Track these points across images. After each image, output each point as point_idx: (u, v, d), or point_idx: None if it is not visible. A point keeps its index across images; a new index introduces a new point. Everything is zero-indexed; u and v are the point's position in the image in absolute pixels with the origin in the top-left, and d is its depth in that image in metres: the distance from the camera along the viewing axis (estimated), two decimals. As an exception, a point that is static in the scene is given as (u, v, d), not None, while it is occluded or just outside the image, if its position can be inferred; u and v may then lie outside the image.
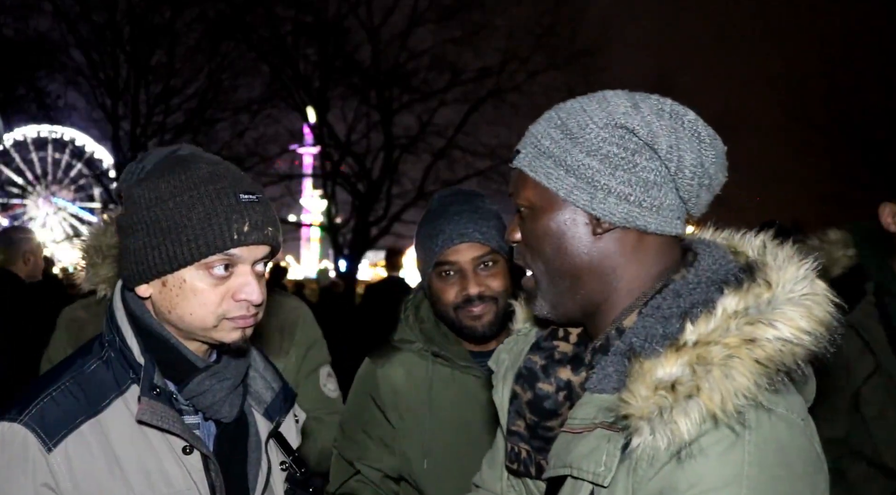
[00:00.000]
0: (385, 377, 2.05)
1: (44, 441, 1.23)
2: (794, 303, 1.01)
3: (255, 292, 1.30)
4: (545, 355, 1.28)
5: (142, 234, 1.28)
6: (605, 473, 1.03)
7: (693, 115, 1.14)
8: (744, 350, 0.98)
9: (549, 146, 1.16)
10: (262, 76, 19.94)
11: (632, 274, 1.16)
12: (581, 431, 1.11)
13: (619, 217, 1.13)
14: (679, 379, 0.98)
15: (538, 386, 1.25)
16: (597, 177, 1.12)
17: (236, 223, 1.26)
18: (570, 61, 19.71)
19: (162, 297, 1.31)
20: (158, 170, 1.31)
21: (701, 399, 0.96)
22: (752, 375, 0.97)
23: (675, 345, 1.01)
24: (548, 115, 1.21)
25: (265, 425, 1.47)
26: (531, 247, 1.22)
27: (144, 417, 1.26)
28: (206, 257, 1.26)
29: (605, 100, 1.16)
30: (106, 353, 1.34)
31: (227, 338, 1.32)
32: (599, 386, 1.11)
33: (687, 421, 0.96)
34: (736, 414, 0.96)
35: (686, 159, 1.11)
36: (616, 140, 1.12)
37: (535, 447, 1.27)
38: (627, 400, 1.00)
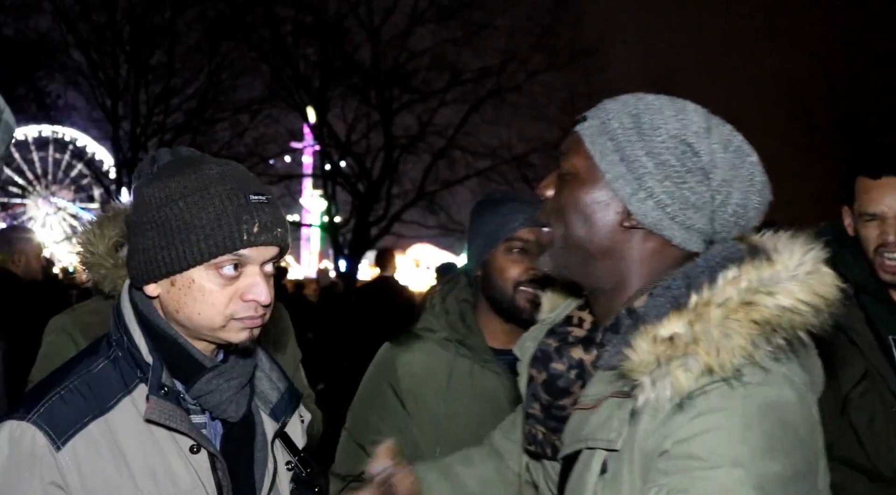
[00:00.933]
0: (405, 364, 2.06)
1: (52, 439, 1.23)
2: (797, 280, 1.05)
3: (264, 293, 1.30)
4: (559, 338, 1.32)
5: (151, 234, 1.28)
6: (616, 437, 1.08)
7: (756, 158, 1.18)
8: (741, 311, 1.02)
9: (617, 129, 1.19)
10: (262, 76, 20.00)
11: (645, 272, 1.20)
12: (593, 406, 1.15)
13: (649, 220, 1.17)
14: (678, 335, 1.03)
15: (551, 366, 1.29)
16: (646, 178, 1.16)
17: (246, 224, 1.26)
18: (570, 61, 19.75)
19: (170, 297, 1.31)
20: (168, 170, 1.31)
21: (699, 353, 1.01)
22: (749, 335, 1.01)
23: (676, 309, 1.06)
24: (626, 99, 1.23)
25: (271, 425, 1.47)
26: (558, 209, 1.25)
27: (153, 416, 1.26)
28: (216, 257, 1.26)
29: (684, 111, 1.18)
30: (113, 353, 1.34)
31: (234, 338, 1.33)
32: (610, 363, 1.14)
33: (686, 373, 1.01)
34: (734, 370, 1.01)
35: (733, 197, 1.16)
36: (678, 153, 1.15)
37: (549, 427, 1.31)
38: (629, 356, 1.04)
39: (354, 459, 2.06)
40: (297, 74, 19.74)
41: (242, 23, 18.58)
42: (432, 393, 2.02)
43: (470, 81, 20.40)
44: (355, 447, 2.08)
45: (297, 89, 19.87)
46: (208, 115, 20.17)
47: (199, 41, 19.41)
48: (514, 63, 20.14)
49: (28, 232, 4.84)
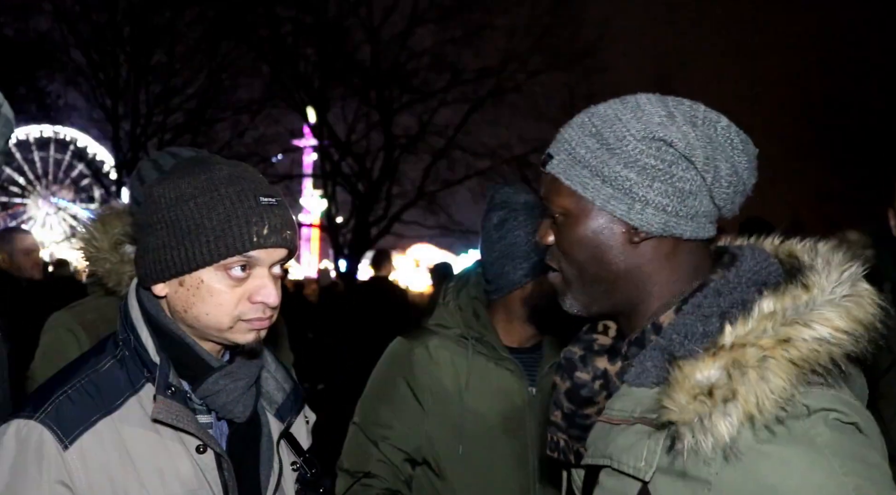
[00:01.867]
0: (420, 358, 2.04)
1: (60, 438, 1.24)
2: (833, 304, 1.03)
3: (272, 295, 1.30)
4: (584, 346, 1.31)
5: (161, 234, 1.28)
6: (646, 468, 1.06)
7: (726, 120, 1.16)
8: (778, 351, 0.99)
9: (585, 155, 1.17)
10: (262, 76, 20.01)
11: (666, 278, 1.19)
12: (619, 422, 1.14)
13: (656, 227, 1.15)
14: (716, 384, 1.00)
15: (576, 374, 1.28)
16: (635, 189, 1.14)
17: (256, 226, 1.26)
18: (570, 61, 19.74)
19: (178, 297, 1.31)
20: (179, 170, 1.31)
21: (738, 402, 0.98)
22: (787, 376, 0.98)
23: (712, 349, 1.03)
24: (580, 121, 1.21)
25: (277, 425, 1.47)
26: (564, 252, 1.23)
27: (160, 416, 1.26)
28: (225, 258, 1.26)
29: (639, 108, 1.16)
30: (120, 352, 1.34)
31: (241, 339, 1.33)
32: (638, 380, 1.13)
33: (726, 421, 0.98)
34: (773, 414, 0.98)
35: (722, 169, 1.14)
36: (653, 152, 1.13)
37: (572, 435, 1.30)
38: (668, 407, 1.02)
39: (365, 454, 2.05)
40: (297, 74, 19.74)
41: (242, 23, 18.58)
42: (449, 390, 2.02)
43: (470, 81, 20.41)
44: (365, 441, 2.06)
45: (297, 89, 19.87)
46: (208, 115, 20.18)
47: (199, 41, 19.42)
48: (514, 63, 20.15)
49: (20, 232, 4.84)
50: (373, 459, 2.03)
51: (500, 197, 2.08)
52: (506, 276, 2.02)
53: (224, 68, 19.74)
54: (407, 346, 2.08)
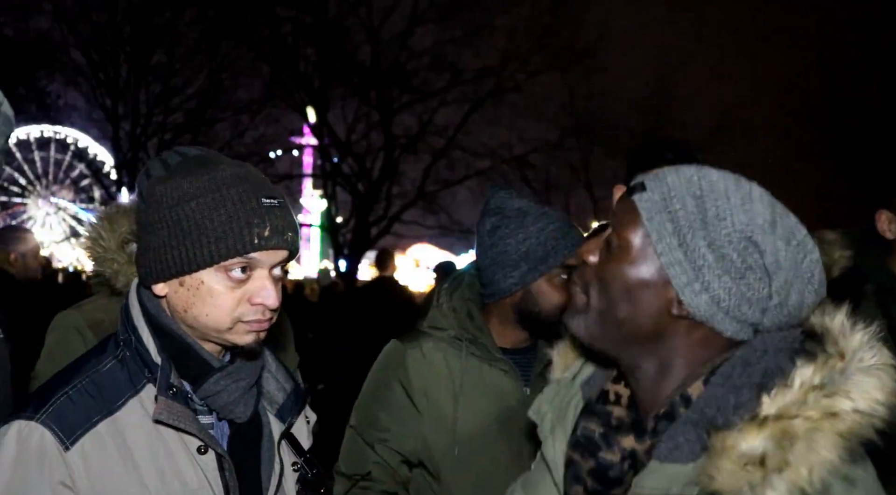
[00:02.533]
0: (415, 360, 2.05)
1: (61, 439, 1.23)
2: (867, 373, 1.02)
3: (272, 297, 1.30)
4: (601, 422, 1.25)
5: (162, 233, 1.28)
6: None
7: (817, 255, 1.13)
8: (826, 423, 0.99)
9: (678, 211, 1.13)
10: (262, 76, 20.00)
11: (690, 361, 1.16)
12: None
13: (702, 313, 1.12)
14: (767, 454, 0.98)
15: (600, 455, 1.22)
16: (704, 270, 1.11)
17: (257, 227, 1.26)
18: (570, 61, 19.75)
19: (178, 297, 1.31)
20: (182, 169, 1.31)
21: (787, 473, 0.97)
22: (836, 448, 0.98)
23: (755, 419, 1.01)
24: (689, 175, 1.16)
25: (278, 426, 1.47)
26: (601, 280, 1.19)
27: (161, 417, 1.26)
28: (226, 260, 1.26)
29: (750, 199, 1.12)
30: (121, 352, 1.34)
31: (240, 340, 1.33)
32: (671, 457, 1.10)
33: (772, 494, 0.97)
34: (823, 488, 0.97)
35: (791, 299, 1.12)
36: (741, 249, 1.10)
37: None
38: (713, 476, 1.00)
39: (362, 457, 2.06)
40: (297, 74, 19.75)
41: (242, 23, 18.58)
42: (444, 392, 2.02)
43: (470, 81, 20.42)
44: (362, 445, 2.07)
45: (297, 89, 19.88)
46: (208, 115, 20.19)
47: (199, 41, 19.42)
48: (514, 63, 20.16)
49: (26, 231, 4.84)
50: (369, 462, 2.04)
51: (494, 202, 2.07)
52: (496, 284, 2.03)
53: (224, 68, 19.74)
54: (401, 349, 2.09)
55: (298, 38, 19.61)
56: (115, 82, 19.53)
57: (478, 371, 2.03)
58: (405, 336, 2.13)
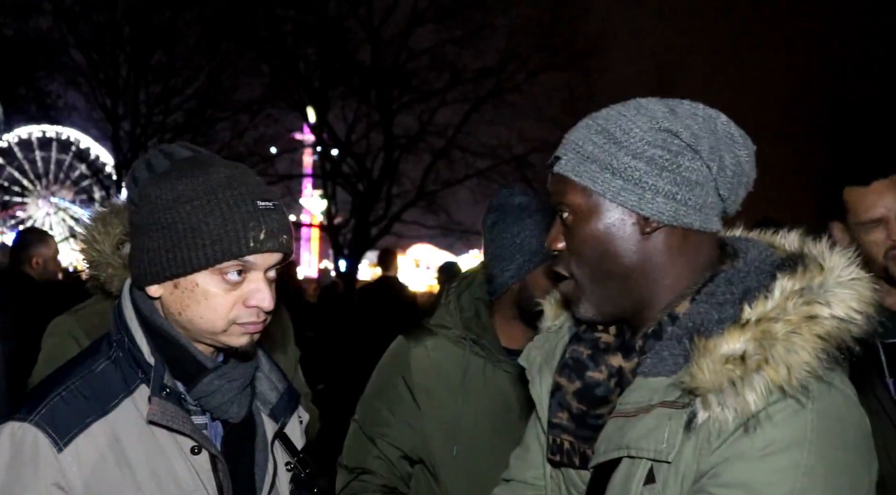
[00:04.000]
0: (418, 357, 2.06)
1: (54, 440, 1.23)
2: (844, 285, 1.08)
3: (267, 299, 1.31)
4: (590, 345, 1.31)
5: (157, 235, 1.28)
6: (669, 449, 1.08)
7: (725, 117, 1.21)
8: (805, 326, 1.04)
9: (593, 151, 1.20)
10: (262, 76, 19.97)
11: (678, 270, 1.21)
12: (635, 414, 1.15)
13: (667, 216, 1.18)
14: (747, 353, 1.04)
15: (588, 374, 1.27)
16: (644, 178, 1.17)
17: (253, 230, 1.26)
18: (570, 61, 19.73)
19: (173, 299, 1.31)
20: (176, 171, 1.31)
21: (767, 372, 1.03)
22: (814, 350, 1.03)
23: (737, 323, 1.08)
24: (585, 123, 1.24)
25: (271, 426, 1.47)
26: (575, 253, 1.24)
27: (155, 418, 1.26)
28: (221, 263, 1.26)
29: (641, 106, 1.21)
30: (114, 353, 1.34)
31: (235, 342, 1.33)
32: (654, 370, 1.16)
33: (753, 393, 1.03)
34: (800, 386, 1.03)
35: (726, 159, 1.18)
36: (660, 143, 1.17)
37: (580, 437, 1.29)
38: (695, 374, 1.06)
39: (363, 451, 2.07)
40: (297, 74, 19.73)
41: (242, 23, 18.57)
42: (445, 390, 2.03)
43: (470, 81, 20.39)
44: (364, 439, 2.08)
45: (297, 89, 19.85)
46: (208, 115, 20.17)
47: (198, 41, 19.40)
48: (514, 63, 20.14)
49: (47, 234, 4.85)
50: (370, 456, 2.05)
51: (497, 199, 2.10)
52: (496, 278, 2.05)
53: (224, 68, 19.71)
54: (406, 346, 2.10)
55: (298, 38, 19.58)
56: (115, 82, 19.51)
57: (481, 371, 2.04)
58: (411, 333, 2.13)
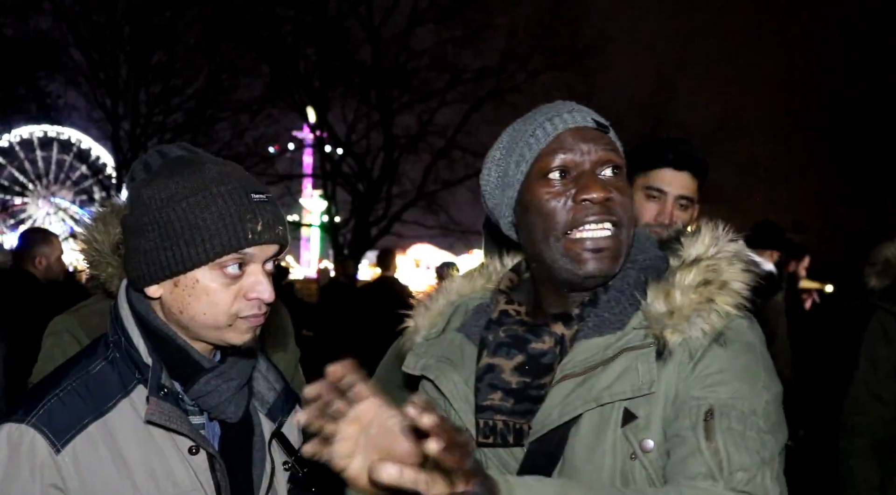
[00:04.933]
0: None
1: (52, 442, 1.23)
2: (732, 242, 1.31)
3: (267, 290, 1.31)
4: (520, 323, 1.35)
5: (153, 235, 1.28)
6: (648, 381, 1.21)
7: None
8: (734, 261, 1.28)
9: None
10: (262, 76, 19.99)
11: None
12: (584, 372, 1.25)
13: None
14: (708, 279, 1.25)
15: (531, 346, 1.31)
16: None
17: (250, 223, 1.27)
18: (570, 61, 19.75)
19: (173, 298, 1.31)
20: (166, 170, 1.31)
21: (723, 296, 1.24)
22: (745, 280, 1.26)
23: (683, 263, 1.29)
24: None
25: (268, 425, 1.47)
26: (623, 207, 1.32)
27: (153, 418, 1.26)
28: (221, 257, 1.27)
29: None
30: (111, 354, 1.34)
31: (237, 339, 1.33)
32: (598, 331, 1.28)
33: (715, 314, 1.22)
34: (745, 309, 1.25)
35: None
36: None
37: (517, 412, 1.29)
38: (672, 303, 1.23)
39: None
40: (297, 74, 19.74)
41: (242, 23, 18.58)
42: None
43: (470, 81, 20.42)
44: None
45: (297, 89, 19.87)
46: (208, 115, 20.18)
47: (199, 41, 19.42)
48: (514, 63, 20.16)
49: (47, 233, 4.85)
50: None
51: None
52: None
53: (224, 68, 19.73)
54: (399, 344, 2.10)
55: (298, 38, 19.60)
56: (115, 82, 19.52)
57: None
58: None
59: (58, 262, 4.56)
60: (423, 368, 1.46)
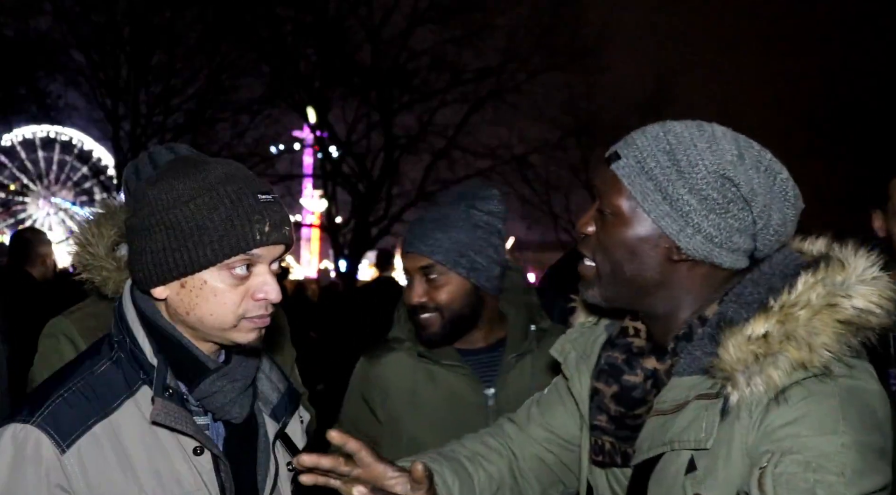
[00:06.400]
0: (376, 375, 2.09)
1: (57, 442, 1.23)
2: (866, 283, 1.14)
3: (274, 291, 1.31)
4: (624, 350, 1.36)
5: (160, 236, 1.27)
6: (707, 437, 1.14)
7: (786, 174, 1.24)
8: (826, 312, 1.11)
9: (654, 169, 1.23)
10: (262, 76, 19.97)
11: (697, 295, 1.27)
12: (673, 411, 1.21)
13: (700, 253, 1.23)
14: (770, 333, 1.11)
15: (624, 378, 1.32)
16: (692, 215, 1.21)
17: (258, 223, 1.27)
18: (570, 61, 19.74)
19: (180, 299, 1.30)
20: (172, 171, 1.31)
21: (789, 351, 1.10)
22: (834, 333, 1.11)
23: (763, 311, 1.14)
24: (655, 133, 1.26)
25: (272, 426, 1.47)
26: (603, 247, 1.29)
27: (158, 418, 1.26)
28: (229, 258, 1.27)
29: (714, 139, 1.22)
30: (116, 354, 1.34)
31: (243, 339, 1.33)
32: (688, 369, 1.22)
33: (778, 370, 1.10)
34: (822, 365, 1.10)
35: (774, 218, 1.22)
36: (718, 186, 1.21)
37: (620, 437, 1.34)
38: (722, 356, 1.13)
39: None
40: (297, 74, 19.72)
41: (242, 23, 18.56)
42: (402, 403, 2.04)
43: (470, 81, 20.40)
44: None
45: (297, 89, 19.85)
46: (208, 115, 20.17)
47: (199, 41, 19.40)
48: (514, 63, 20.15)
49: (41, 233, 4.85)
50: None
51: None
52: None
53: (224, 68, 19.71)
54: (365, 364, 2.14)
55: (298, 38, 19.59)
56: (115, 82, 19.51)
57: (433, 380, 2.04)
58: (371, 350, 2.16)
59: (52, 261, 4.57)
60: (565, 360, 1.49)
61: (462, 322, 2.01)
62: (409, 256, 1.99)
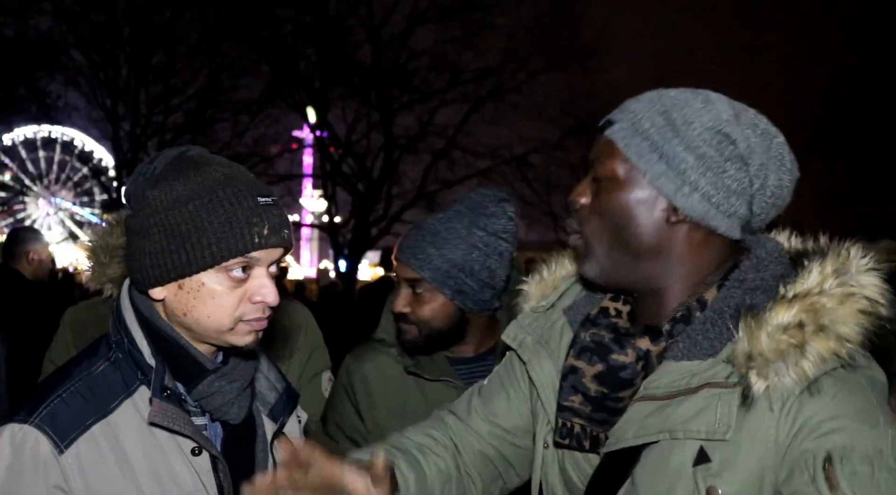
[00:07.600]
0: (362, 376, 2.06)
1: (56, 443, 1.23)
2: (866, 273, 1.14)
3: (272, 294, 1.31)
4: (610, 329, 1.31)
5: (159, 237, 1.27)
6: (724, 428, 1.10)
7: (782, 138, 1.23)
8: (848, 302, 1.10)
9: (649, 129, 1.21)
10: (262, 76, 19.97)
11: (692, 266, 1.24)
12: (667, 397, 1.17)
13: (697, 213, 1.20)
14: (803, 321, 1.09)
15: (612, 357, 1.27)
16: (689, 172, 1.19)
17: (257, 226, 1.27)
18: (570, 61, 19.74)
19: (177, 300, 1.30)
20: (172, 172, 1.30)
21: (819, 341, 1.08)
22: (857, 323, 1.09)
23: (783, 299, 1.12)
24: (649, 97, 1.25)
25: (270, 426, 1.47)
26: (597, 214, 1.26)
27: (156, 419, 1.26)
28: (228, 260, 1.26)
29: (709, 101, 1.22)
30: (114, 354, 1.34)
31: (240, 341, 1.33)
32: (688, 355, 1.18)
33: (807, 361, 1.08)
34: (848, 356, 1.09)
35: (770, 180, 1.21)
36: (715, 144, 1.18)
37: (595, 420, 1.28)
38: (755, 345, 1.09)
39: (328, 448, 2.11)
40: (297, 74, 19.72)
41: (242, 23, 18.56)
42: (387, 406, 2.02)
43: (470, 81, 20.40)
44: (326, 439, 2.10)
45: (297, 89, 19.85)
46: (208, 115, 20.17)
47: (199, 41, 19.40)
48: (514, 63, 20.14)
49: (35, 232, 4.84)
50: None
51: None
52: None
53: (224, 68, 19.71)
54: (352, 363, 2.10)
55: (298, 38, 19.58)
56: (115, 82, 19.51)
57: (419, 387, 2.01)
58: (357, 350, 2.13)
59: (47, 261, 4.55)
60: (521, 345, 1.44)
61: (440, 338, 1.97)
62: (400, 264, 1.96)
